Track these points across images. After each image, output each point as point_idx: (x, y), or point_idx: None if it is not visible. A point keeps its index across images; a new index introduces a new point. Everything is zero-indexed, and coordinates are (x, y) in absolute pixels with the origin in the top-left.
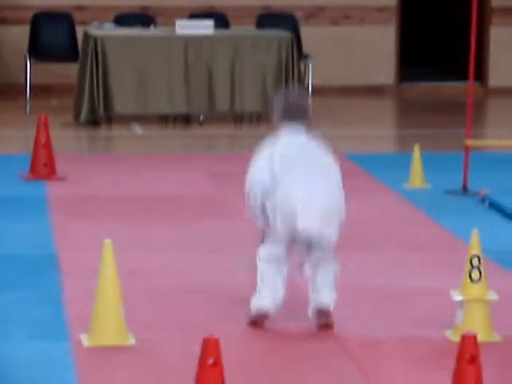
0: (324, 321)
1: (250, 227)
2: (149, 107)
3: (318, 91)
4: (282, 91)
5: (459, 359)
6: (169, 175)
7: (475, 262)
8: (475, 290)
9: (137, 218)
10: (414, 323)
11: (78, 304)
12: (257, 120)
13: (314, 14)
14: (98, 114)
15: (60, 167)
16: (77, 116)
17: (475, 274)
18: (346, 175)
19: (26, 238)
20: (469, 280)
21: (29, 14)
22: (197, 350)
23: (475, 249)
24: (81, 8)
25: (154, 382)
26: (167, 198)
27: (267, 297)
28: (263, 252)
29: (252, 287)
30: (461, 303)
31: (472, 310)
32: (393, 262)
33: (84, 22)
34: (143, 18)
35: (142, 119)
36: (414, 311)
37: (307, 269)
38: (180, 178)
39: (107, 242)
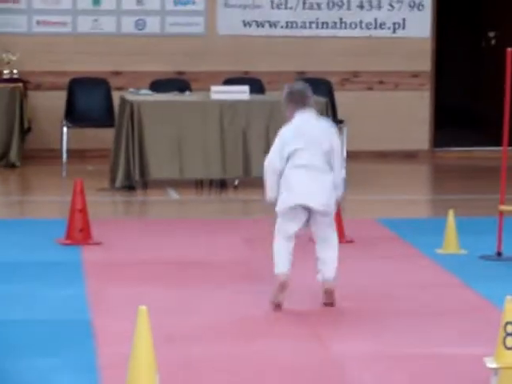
0: (329, 299)
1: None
2: (184, 172)
3: (353, 156)
4: (287, 85)
5: None
6: (204, 240)
7: (509, 328)
8: (509, 357)
9: (172, 283)
10: None
11: (112, 371)
12: None
13: (349, 79)
14: (134, 178)
15: (96, 232)
16: (112, 181)
17: (509, 341)
18: (379, 240)
19: (61, 303)
20: (503, 347)
21: (64, 80)
22: None
23: (510, 316)
24: (117, 73)
25: None
26: (202, 263)
27: (285, 265)
28: (277, 230)
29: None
30: (495, 370)
31: (506, 377)
32: (427, 328)
33: (120, 88)
34: (179, 84)
35: (178, 184)
36: (449, 378)
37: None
38: (215, 242)
39: (142, 308)
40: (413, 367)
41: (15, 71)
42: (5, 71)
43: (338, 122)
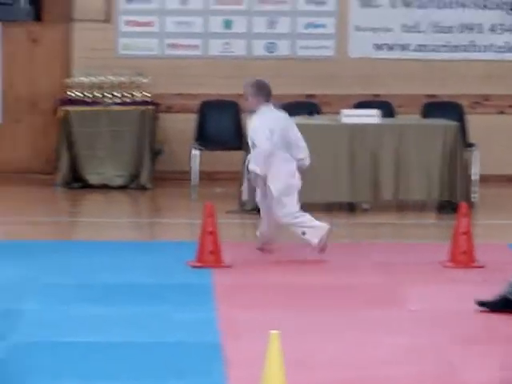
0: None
1: (416, 315)
2: (314, 195)
3: (484, 180)
4: (251, 79)
5: None
6: (333, 264)
7: None
8: None
9: (303, 307)
10: None
11: None
12: (421, 209)
13: (480, 102)
14: None
15: (225, 255)
16: (242, 203)
17: None
18: (510, 265)
19: (191, 325)
20: None
21: (195, 102)
22: None
23: None
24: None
25: None
26: (333, 287)
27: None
28: (293, 208)
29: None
30: None
31: None
32: None
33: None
34: (308, 107)
35: (307, 207)
36: None
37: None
38: (344, 266)
39: (274, 333)
40: None
41: (147, 94)
42: (136, 94)
43: (469, 145)
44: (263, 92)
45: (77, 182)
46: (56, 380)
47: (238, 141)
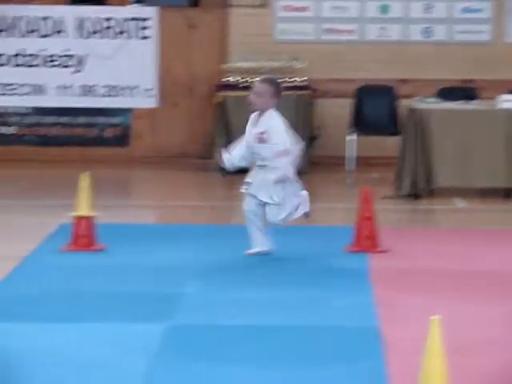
0: None
1: None
2: (469, 181)
3: None
4: (269, 77)
5: None
6: (489, 250)
7: None
8: None
9: (458, 293)
10: None
11: (403, 380)
12: None
13: None
14: (419, 186)
15: (382, 240)
16: (398, 189)
17: None
18: None
19: (348, 309)
20: None
21: (351, 87)
22: None
23: None
24: (403, 81)
25: None
26: (487, 273)
27: None
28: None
29: None
30: None
31: None
32: None
33: (406, 96)
34: (466, 92)
35: (463, 193)
36: None
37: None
38: (500, 253)
39: (435, 318)
40: None
41: (303, 79)
42: (293, 79)
43: None
44: (280, 94)
45: None
46: (213, 362)
47: (394, 126)
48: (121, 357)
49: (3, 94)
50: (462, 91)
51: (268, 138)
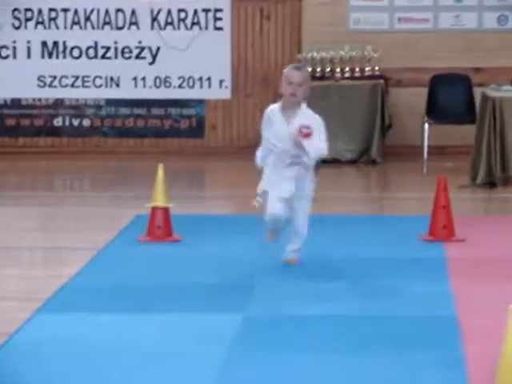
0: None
1: None
2: None
3: None
4: (300, 64)
5: None
6: None
7: None
8: None
9: None
10: None
11: (480, 369)
12: None
13: None
14: (495, 175)
15: (458, 229)
16: (473, 177)
17: None
18: None
19: (425, 299)
20: None
21: (425, 76)
22: None
23: None
24: (478, 70)
25: None
26: None
27: None
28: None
29: None
30: None
31: None
32: None
33: (481, 84)
34: None
35: None
36: None
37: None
38: None
39: None
40: None
41: (376, 68)
42: (366, 68)
43: None
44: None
45: None
46: (291, 352)
47: (469, 115)
48: (198, 347)
49: (79, 87)
50: None
51: (312, 132)
